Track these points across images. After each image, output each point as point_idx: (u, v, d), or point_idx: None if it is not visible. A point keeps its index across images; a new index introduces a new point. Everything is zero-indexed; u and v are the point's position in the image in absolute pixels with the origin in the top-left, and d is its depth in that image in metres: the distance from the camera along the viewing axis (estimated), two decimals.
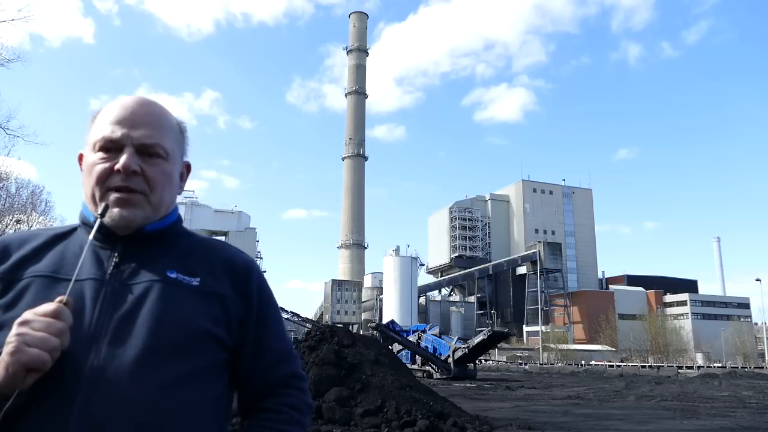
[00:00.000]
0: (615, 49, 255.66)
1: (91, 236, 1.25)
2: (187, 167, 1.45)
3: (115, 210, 1.26)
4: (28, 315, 1.09)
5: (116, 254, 1.29)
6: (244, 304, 1.36)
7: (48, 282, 1.24)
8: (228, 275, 1.36)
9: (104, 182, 1.26)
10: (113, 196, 1.26)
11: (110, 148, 1.28)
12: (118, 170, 1.25)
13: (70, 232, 1.37)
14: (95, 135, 1.30)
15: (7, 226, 30.53)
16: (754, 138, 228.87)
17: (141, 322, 1.20)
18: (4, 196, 29.55)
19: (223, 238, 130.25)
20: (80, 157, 1.35)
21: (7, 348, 1.05)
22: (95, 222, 1.27)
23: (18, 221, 31.70)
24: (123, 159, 1.26)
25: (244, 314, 1.35)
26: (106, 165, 1.27)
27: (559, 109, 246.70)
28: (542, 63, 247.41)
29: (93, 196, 1.28)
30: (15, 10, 20.39)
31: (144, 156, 1.29)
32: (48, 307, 1.10)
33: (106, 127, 1.29)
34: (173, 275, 1.29)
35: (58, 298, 1.12)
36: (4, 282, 1.25)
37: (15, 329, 1.07)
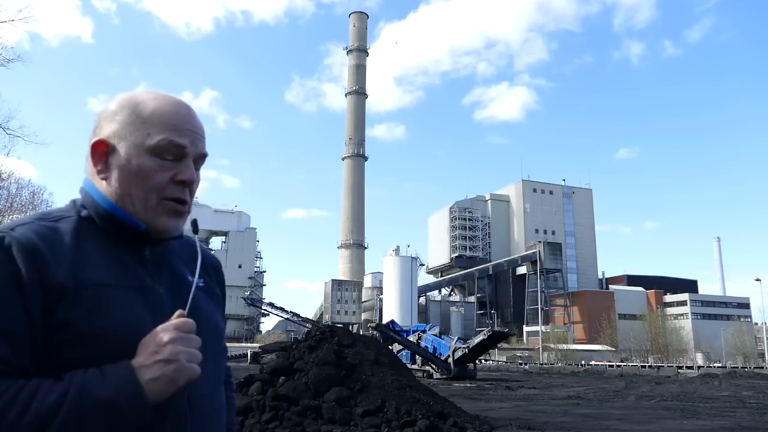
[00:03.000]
0: (617, 47, 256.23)
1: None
2: None
3: (171, 221, 1.23)
4: (173, 332, 1.08)
5: (147, 257, 1.25)
6: (222, 300, 1.46)
7: (111, 289, 1.14)
8: (213, 274, 1.44)
9: (162, 191, 1.21)
10: (171, 206, 1.22)
11: (173, 154, 1.22)
12: (182, 182, 1.22)
13: (79, 223, 1.21)
14: (155, 136, 1.21)
15: None
16: (754, 138, 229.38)
17: (200, 327, 1.17)
18: (4, 196, 29.51)
19: (223, 239, 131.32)
20: (102, 144, 1.23)
21: (171, 366, 1.06)
22: (144, 229, 1.22)
23: None
24: (189, 172, 1.24)
25: (224, 310, 1.47)
26: (168, 174, 1.22)
27: (561, 108, 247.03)
28: (544, 61, 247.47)
29: (143, 201, 1.21)
30: (15, 10, 20.38)
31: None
32: (189, 323, 1.11)
33: (170, 132, 1.22)
34: (188, 277, 1.30)
35: (179, 312, 1.12)
36: (59, 290, 1.08)
37: (175, 346, 1.07)
